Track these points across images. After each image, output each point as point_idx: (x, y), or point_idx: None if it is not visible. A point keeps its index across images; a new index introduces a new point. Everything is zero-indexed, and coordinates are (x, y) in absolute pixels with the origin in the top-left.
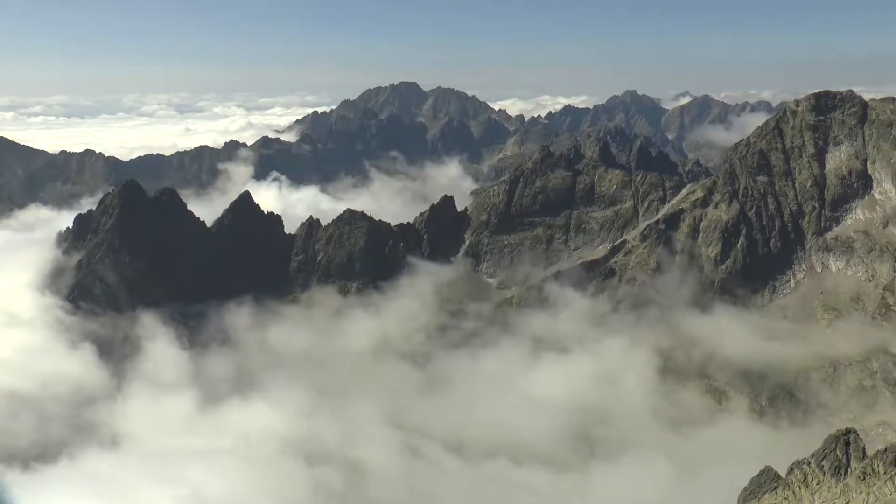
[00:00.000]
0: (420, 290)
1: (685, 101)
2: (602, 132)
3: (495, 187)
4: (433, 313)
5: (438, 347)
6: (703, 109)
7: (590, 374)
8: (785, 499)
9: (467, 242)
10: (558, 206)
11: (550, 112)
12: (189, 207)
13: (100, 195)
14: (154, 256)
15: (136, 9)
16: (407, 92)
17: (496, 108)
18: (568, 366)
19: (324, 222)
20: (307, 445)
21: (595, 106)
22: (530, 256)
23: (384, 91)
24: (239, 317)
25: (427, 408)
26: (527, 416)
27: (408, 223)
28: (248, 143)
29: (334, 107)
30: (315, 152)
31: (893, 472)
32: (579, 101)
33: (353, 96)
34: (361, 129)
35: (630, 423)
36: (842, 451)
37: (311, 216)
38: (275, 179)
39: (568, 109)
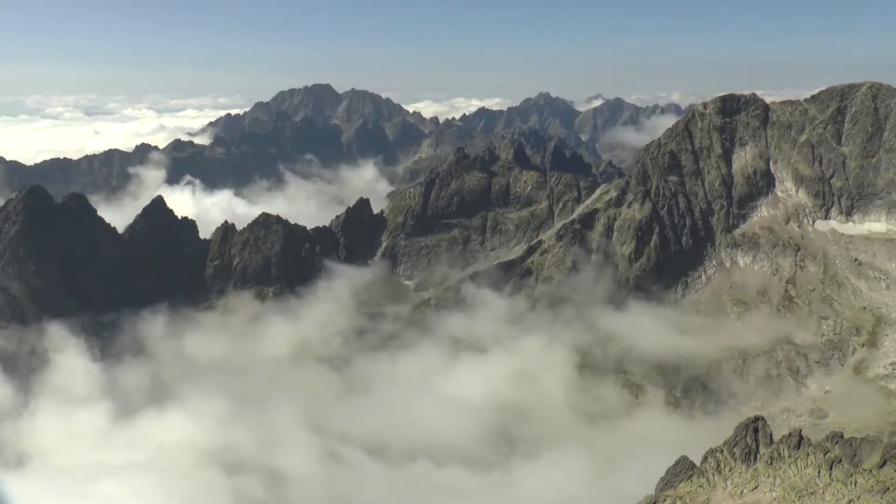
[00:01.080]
0: (337, 293)
1: (597, 103)
2: (516, 134)
3: (411, 189)
4: (351, 316)
5: (357, 351)
6: (616, 111)
7: (508, 372)
8: (700, 486)
9: (384, 245)
10: (474, 207)
11: (465, 114)
12: (99, 213)
13: (1, 202)
14: (62, 265)
15: (36, 5)
16: (321, 94)
17: (410, 110)
18: (486, 365)
19: (239, 227)
20: (226, 455)
21: (509, 108)
22: (447, 258)
23: (298, 93)
24: (153, 325)
25: (347, 412)
26: (447, 417)
27: (324, 226)
28: (161, 147)
29: (248, 109)
30: (229, 155)
31: (797, 456)
32: (493, 104)
33: (266, 98)
34: (276, 132)
35: (550, 419)
36: (751, 438)
37: (226, 221)
38: (188, 183)
39: (482, 111)
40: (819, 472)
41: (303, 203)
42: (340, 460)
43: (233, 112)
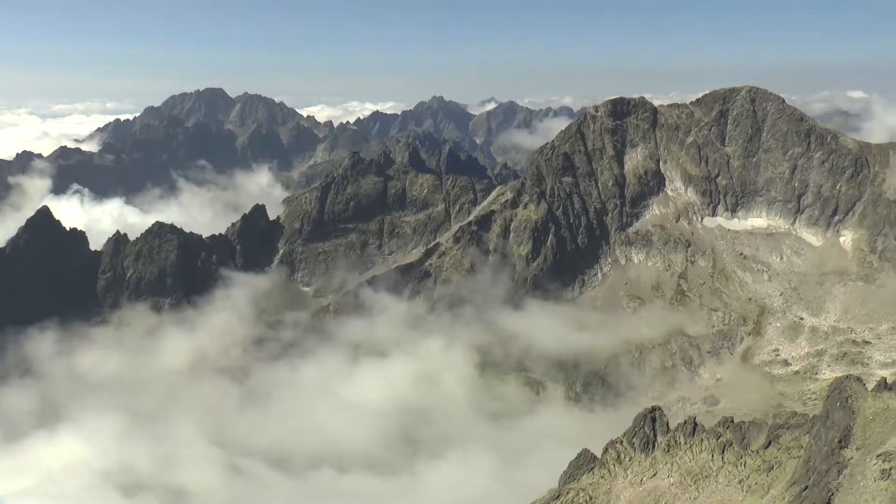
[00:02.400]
0: (235, 302)
1: (491, 106)
2: (411, 137)
3: (307, 195)
4: (250, 325)
5: (257, 360)
6: (509, 115)
7: (410, 375)
8: (601, 477)
9: (281, 251)
10: (371, 211)
11: (359, 118)
12: None
13: None
14: None
15: None
16: (213, 98)
17: (305, 114)
18: (388, 369)
19: (131, 237)
20: (123, 475)
21: (403, 112)
22: (345, 263)
23: (190, 97)
24: (42, 343)
25: (248, 423)
26: (349, 423)
27: (220, 234)
28: (45, 154)
29: (138, 114)
30: (119, 163)
31: (692, 442)
32: (387, 107)
33: (157, 103)
34: (167, 138)
35: (453, 420)
36: (649, 428)
37: (117, 231)
38: (76, 192)
39: (377, 115)
40: (712, 455)
41: (197, 211)
42: (242, 473)
43: (122, 117)
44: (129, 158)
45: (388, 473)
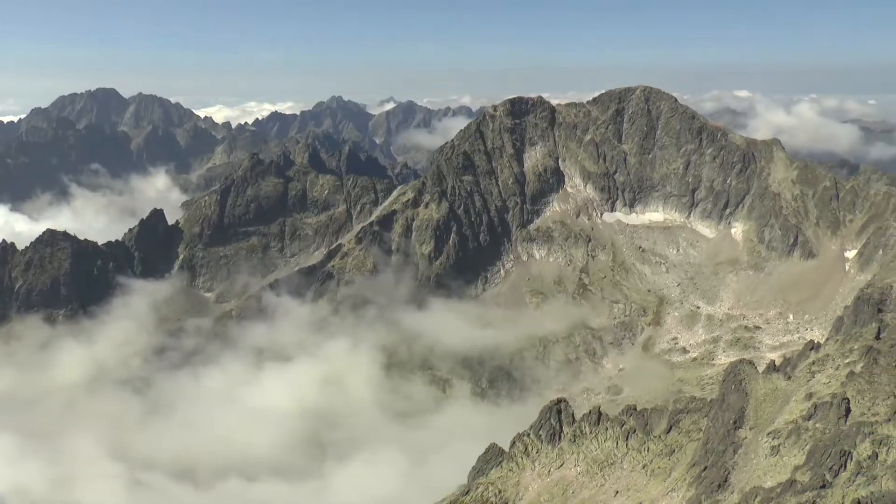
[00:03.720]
0: (135, 310)
1: (390, 106)
2: (311, 138)
3: (206, 198)
4: (151, 334)
5: (158, 370)
6: (408, 114)
7: (316, 379)
8: (510, 470)
9: (181, 257)
10: (272, 213)
11: (258, 119)
12: None
13: None
14: None
15: None
16: (106, 99)
17: (202, 115)
18: (293, 374)
19: (20, 246)
20: (15, 498)
21: (302, 112)
22: (247, 267)
23: (81, 98)
24: None
25: (151, 436)
26: (256, 430)
27: (116, 241)
28: None
29: (24, 115)
30: (4, 167)
31: (598, 431)
32: (286, 107)
33: (44, 104)
34: (57, 141)
35: (360, 421)
36: (555, 419)
37: (3, 240)
38: None
39: (275, 116)
40: (617, 443)
41: (91, 217)
42: (146, 487)
43: (6, 119)
44: (15, 163)
45: (297, 478)
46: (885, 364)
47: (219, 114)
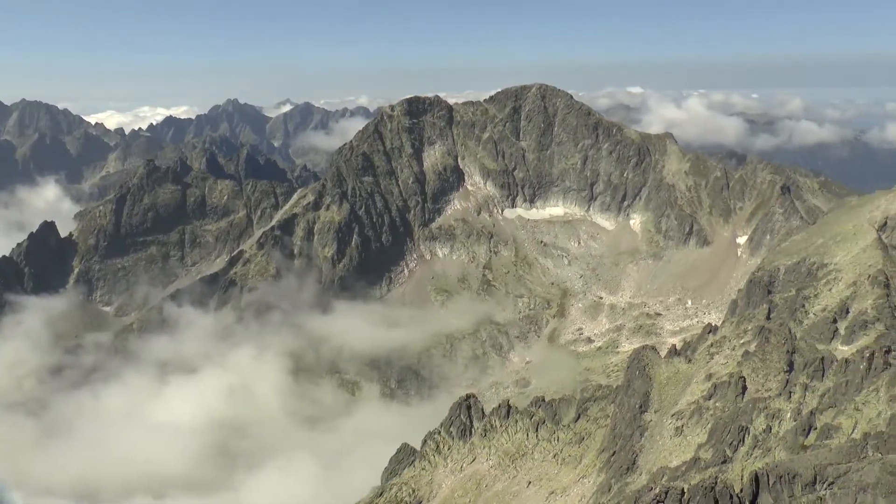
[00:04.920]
0: (27, 328)
1: (287, 108)
2: (208, 143)
3: (101, 208)
4: (46, 353)
5: (55, 390)
6: (306, 116)
7: (222, 389)
8: (423, 469)
9: (76, 270)
10: (170, 221)
11: (152, 124)
12: None
13: None
14: None
15: None
16: None
17: (92, 121)
18: (198, 385)
19: None
20: None
21: (198, 116)
22: (147, 277)
23: None
24: None
25: (49, 459)
26: (162, 446)
27: (4, 256)
28: None
29: None
30: None
31: (508, 424)
32: (181, 112)
33: None
34: None
35: (270, 429)
36: (465, 415)
37: None
38: None
39: (170, 120)
40: (527, 434)
41: None
42: None
43: None
44: None
45: (208, 492)
46: (776, 342)
47: (110, 119)
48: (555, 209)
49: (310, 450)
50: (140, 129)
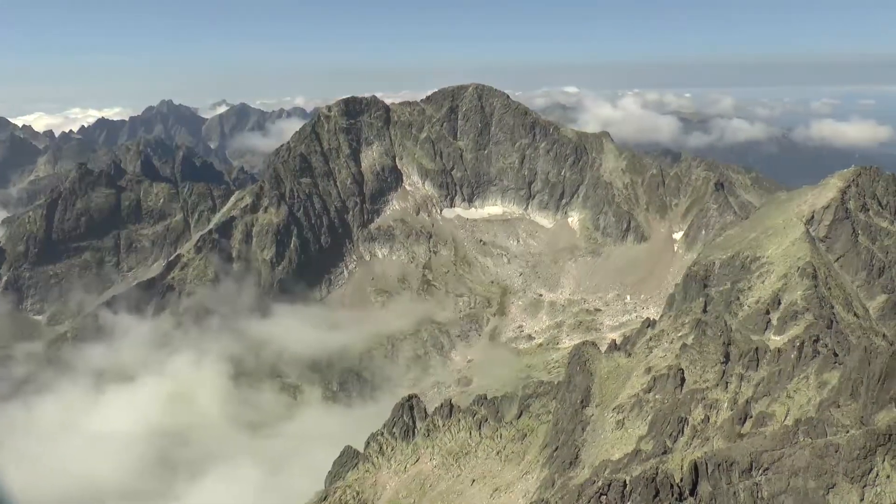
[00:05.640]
0: None
1: (223, 109)
2: (142, 145)
3: (31, 213)
4: None
5: None
6: (242, 117)
7: (161, 397)
8: (366, 471)
9: (4, 278)
10: (105, 226)
11: (83, 126)
12: None
13: None
14: None
15: None
16: None
17: (20, 123)
18: (136, 394)
19: None
20: None
21: (131, 117)
22: (81, 284)
23: None
24: None
25: None
26: (100, 457)
27: None
28: None
29: None
30: None
31: (451, 423)
32: (113, 113)
33: None
34: None
35: (211, 436)
36: (408, 416)
37: None
38: None
39: (102, 122)
40: (470, 433)
41: None
42: None
43: None
44: None
45: (148, 502)
46: (712, 334)
47: (39, 122)
48: (493, 208)
49: (252, 455)
50: (71, 131)
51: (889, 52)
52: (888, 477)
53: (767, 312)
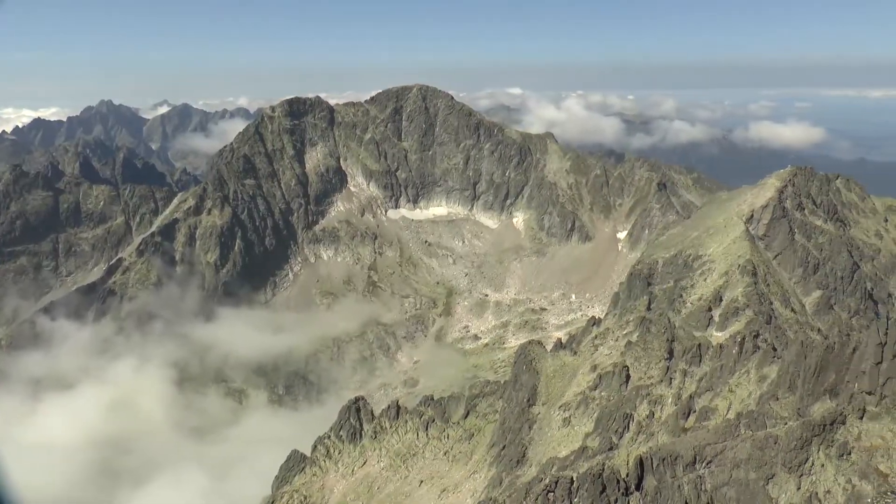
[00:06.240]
0: None
1: (164, 109)
2: (81, 146)
3: None
4: None
5: None
6: (184, 118)
7: (102, 404)
8: (314, 475)
9: None
10: (42, 230)
11: (18, 126)
12: None
13: None
14: None
15: None
16: None
17: None
18: (76, 402)
19: None
20: None
21: (69, 118)
22: (17, 290)
23: None
24: None
25: None
26: (38, 468)
27: None
28: None
29: None
30: None
31: (398, 425)
32: (50, 114)
33: None
34: None
35: (155, 443)
36: (354, 418)
37: None
38: None
39: (38, 123)
40: (417, 434)
41: None
42: None
43: None
44: None
45: None
46: (656, 331)
47: None
48: (438, 209)
49: (197, 462)
50: (4, 132)
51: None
52: (822, 466)
53: (709, 309)
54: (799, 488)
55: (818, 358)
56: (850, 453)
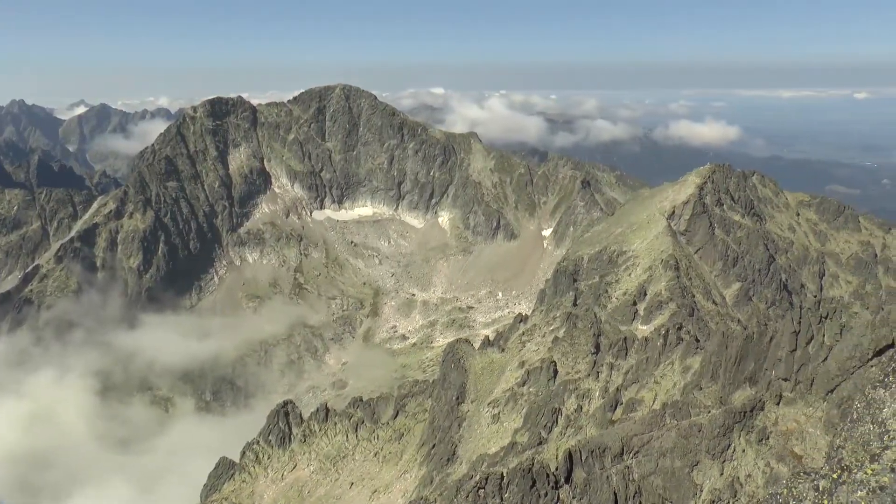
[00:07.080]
0: None
1: (81, 110)
2: None
3: None
4: None
5: None
6: (103, 118)
7: (19, 418)
8: (243, 481)
9: None
10: None
11: None
12: None
13: None
14: None
15: None
16: None
17: None
18: None
19: None
20: None
21: None
22: None
23: None
24: None
25: None
26: None
27: None
28: None
29: None
30: None
31: (327, 427)
32: None
33: None
34: None
35: (77, 456)
36: (283, 422)
37: None
38: None
39: None
40: (347, 436)
41: None
42: None
43: None
44: None
45: None
46: (583, 326)
47: None
48: (363, 209)
49: (123, 474)
50: None
51: (738, 59)
52: (743, 451)
53: (634, 303)
54: (722, 473)
55: (738, 348)
56: (768, 438)
